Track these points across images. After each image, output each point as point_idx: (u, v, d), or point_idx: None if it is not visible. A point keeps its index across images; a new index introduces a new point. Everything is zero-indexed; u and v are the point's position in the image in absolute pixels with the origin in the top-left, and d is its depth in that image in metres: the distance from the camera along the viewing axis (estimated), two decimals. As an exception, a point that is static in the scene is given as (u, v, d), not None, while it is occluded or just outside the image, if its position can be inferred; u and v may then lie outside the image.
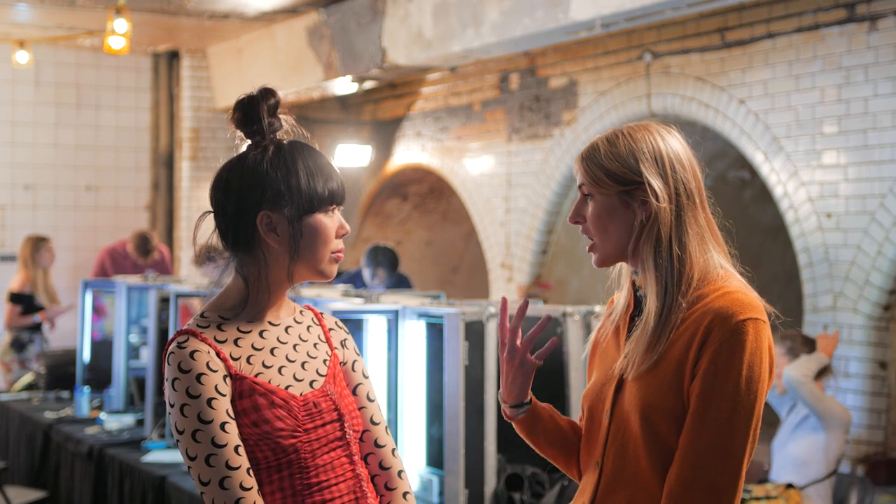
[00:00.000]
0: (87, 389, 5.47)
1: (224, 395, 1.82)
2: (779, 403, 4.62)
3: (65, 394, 6.00)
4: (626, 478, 1.88)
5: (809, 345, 4.51)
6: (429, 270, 10.33)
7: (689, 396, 1.82)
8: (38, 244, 7.65)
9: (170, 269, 8.70)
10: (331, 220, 1.91)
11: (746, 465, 1.81)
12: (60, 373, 6.14)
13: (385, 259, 6.98)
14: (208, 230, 1.96)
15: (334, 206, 1.91)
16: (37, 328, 7.54)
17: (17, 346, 7.43)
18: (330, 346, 2.00)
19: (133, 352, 5.37)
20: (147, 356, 5.11)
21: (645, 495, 1.85)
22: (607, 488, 1.90)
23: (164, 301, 4.86)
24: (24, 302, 7.53)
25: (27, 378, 6.50)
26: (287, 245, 1.88)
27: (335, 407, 1.92)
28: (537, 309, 3.75)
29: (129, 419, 5.10)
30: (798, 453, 4.42)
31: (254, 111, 1.90)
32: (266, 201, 1.87)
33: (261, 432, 1.82)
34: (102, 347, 5.78)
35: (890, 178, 5.33)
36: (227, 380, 1.84)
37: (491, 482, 3.41)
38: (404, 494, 2.01)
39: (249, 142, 1.92)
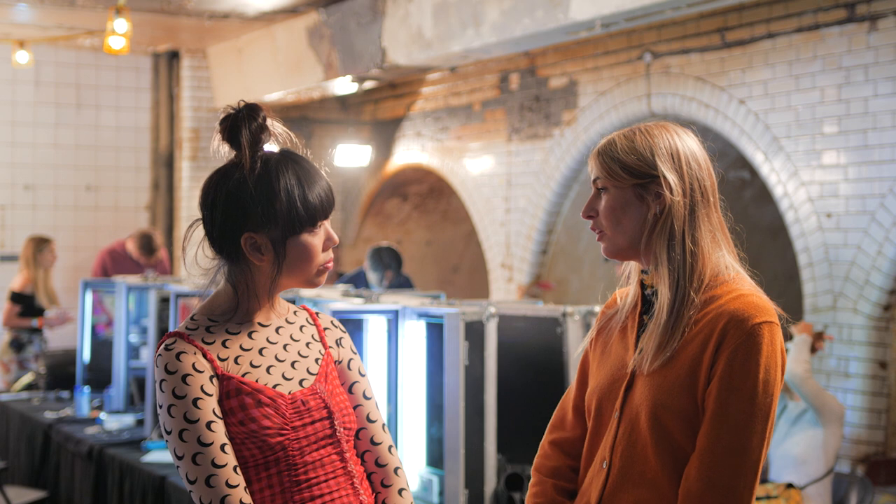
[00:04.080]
0: (87, 389, 5.47)
1: (210, 395, 1.84)
2: None
3: (65, 394, 6.00)
4: (634, 477, 1.88)
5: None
6: (429, 270, 10.33)
7: (702, 398, 1.82)
8: (40, 245, 7.64)
9: (168, 269, 8.69)
10: (316, 238, 1.92)
11: (761, 467, 1.82)
12: (60, 373, 6.14)
13: (392, 260, 6.97)
14: (200, 234, 1.97)
15: (319, 222, 1.92)
16: (37, 329, 7.53)
17: (16, 345, 7.42)
18: (324, 344, 2.02)
19: (133, 352, 5.37)
20: (147, 356, 5.11)
21: (654, 495, 1.85)
22: (615, 487, 1.90)
23: (164, 301, 4.86)
24: (24, 302, 7.52)
25: (27, 378, 6.50)
26: (271, 263, 1.90)
27: (325, 405, 1.93)
28: (537, 309, 3.75)
29: (129, 419, 5.10)
30: (797, 452, 4.41)
31: (236, 130, 1.90)
32: (249, 224, 1.89)
33: (248, 431, 1.85)
34: (102, 347, 5.77)
35: (890, 178, 5.33)
36: (214, 380, 1.86)
37: (491, 482, 3.41)
38: (400, 491, 2.02)
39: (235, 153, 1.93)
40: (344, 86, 8.25)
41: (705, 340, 1.82)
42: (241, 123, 1.90)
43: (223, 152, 1.94)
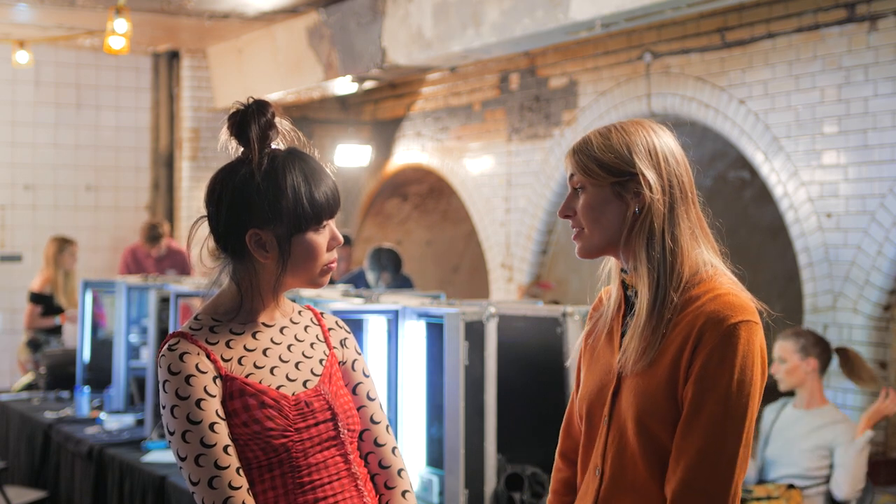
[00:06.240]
0: (87, 389, 5.46)
1: (213, 396, 1.83)
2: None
3: (65, 394, 6.00)
4: (626, 483, 1.87)
5: (821, 345, 4.44)
6: (429, 270, 10.32)
7: (682, 400, 1.81)
8: (62, 246, 7.68)
9: (189, 265, 8.66)
10: (321, 236, 1.91)
11: (743, 468, 1.80)
12: (60, 373, 6.14)
13: (389, 262, 6.97)
14: (205, 233, 1.97)
15: (325, 221, 1.91)
16: (55, 330, 7.54)
17: (33, 346, 7.44)
18: (328, 345, 2.01)
19: (133, 352, 5.37)
20: (147, 356, 5.11)
21: (646, 501, 1.85)
22: (608, 494, 1.90)
23: (164, 301, 4.85)
24: (43, 302, 7.54)
25: (27, 378, 6.50)
26: (276, 261, 1.89)
27: (328, 406, 1.92)
28: (537, 309, 3.75)
29: (129, 419, 5.10)
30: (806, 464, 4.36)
31: (245, 125, 1.90)
32: (254, 220, 1.88)
33: (251, 432, 1.84)
34: (102, 347, 5.77)
35: (890, 178, 5.33)
36: (218, 381, 1.85)
37: (491, 482, 3.41)
38: (403, 493, 2.01)
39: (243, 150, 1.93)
40: (344, 86, 8.25)
41: (683, 342, 1.81)
42: (251, 119, 1.90)
43: (231, 148, 1.93)
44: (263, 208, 1.86)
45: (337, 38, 7.68)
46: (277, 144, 1.93)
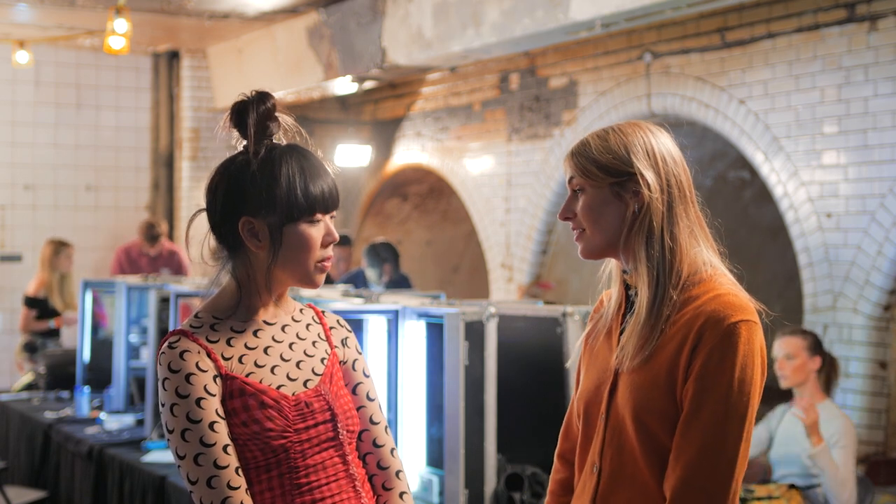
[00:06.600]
0: (87, 389, 5.46)
1: (213, 395, 1.83)
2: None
3: (65, 394, 6.00)
4: (625, 479, 1.88)
5: (821, 346, 4.44)
6: (429, 270, 10.32)
7: (682, 399, 1.82)
8: (58, 248, 7.67)
9: (185, 266, 8.67)
10: (315, 229, 1.89)
11: (742, 467, 1.81)
12: (60, 373, 6.14)
13: (389, 254, 6.99)
14: (203, 227, 1.97)
15: (319, 214, 1.90)
16: (52, 333, 7.54)
17: (30, 348, 7.44)
18: (330, 344, 2.00)
19: (133, 352, 5.37)
20: (147, 356, 5.11)
21: (644, 497, 1.85)
22: (606, 491, 1.90)
23: (164, 301, 4.85)
24: (38, 306, 7.54)
25: (27, 378, 6.50)
26: (267, 251, 1.88)
27: (328, 407, 1.91)
28: (537, 309, 3.75)
29: (129, 419, 5.10)
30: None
31: (244, 113, 1.90)
32: (248, 208, 1.87)
33: (251, 432, 1.83)
34: (102, 347, 5.77)
35: (890, 178, 5.33)
36: (218, 380, 1.84)
37: (491, 482, 3.41)
38: (401, 494, 2.00)
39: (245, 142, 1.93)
40: (344, 86, 8.25)
41: (682, 341, 1.82)
42: (250, 107, 1.90)
43: (233, 140, 1.93)
44: (257, 196, 1.86)
45: (337, 38, 7.68)
46: (279, 140, 1.93)
